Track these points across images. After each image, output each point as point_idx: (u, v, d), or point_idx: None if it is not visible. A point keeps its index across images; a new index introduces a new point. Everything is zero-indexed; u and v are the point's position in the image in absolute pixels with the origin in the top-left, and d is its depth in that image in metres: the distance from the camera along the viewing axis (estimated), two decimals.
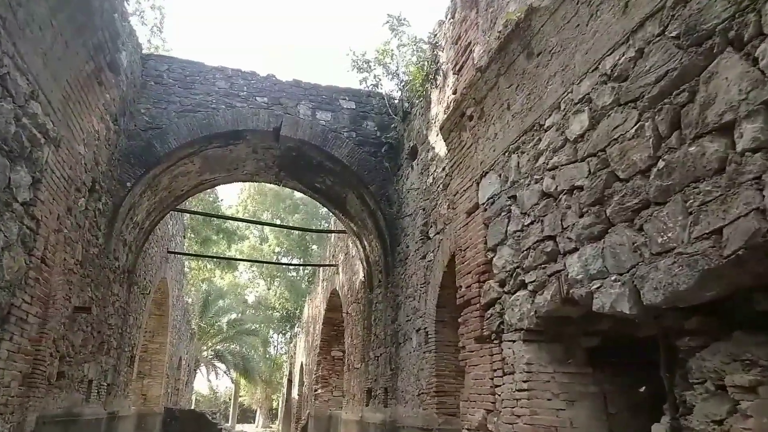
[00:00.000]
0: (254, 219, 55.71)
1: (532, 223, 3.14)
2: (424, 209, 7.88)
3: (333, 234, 16.36)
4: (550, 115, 3.02)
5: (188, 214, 25.45)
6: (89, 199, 7.07)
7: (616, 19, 2.53)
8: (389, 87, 12.72)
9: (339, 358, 17.09)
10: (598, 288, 2.52)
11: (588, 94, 2.68)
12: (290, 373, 26.58)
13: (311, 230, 24.07)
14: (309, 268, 53.01)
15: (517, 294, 3.29)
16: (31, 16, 3.09)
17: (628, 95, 2.46)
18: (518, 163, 3.37)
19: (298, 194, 56.13)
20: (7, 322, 3.34)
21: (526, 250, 3.18)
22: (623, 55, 2.48)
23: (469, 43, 4.29)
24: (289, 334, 48.96)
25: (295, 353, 25.29)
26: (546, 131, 3.05)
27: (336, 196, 10.75)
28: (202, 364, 32.64)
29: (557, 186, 2.92)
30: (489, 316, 3.70)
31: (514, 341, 3.28)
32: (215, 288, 35.03)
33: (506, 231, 3.49)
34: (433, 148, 7.76)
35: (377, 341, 9.80)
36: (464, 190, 4.22)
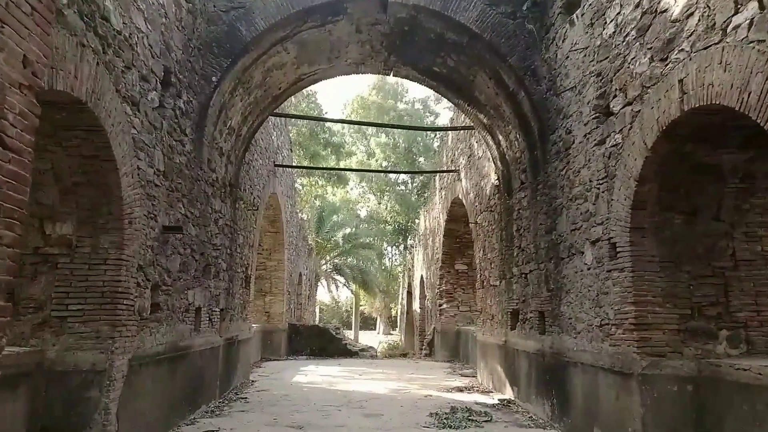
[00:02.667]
0: (359, 132, 55.03)
1: None
2: (599, 74, 5.59)
3: (451, 135, 14.31)
4: None
5: (293, 129, 24.57)
6: (165, 95, 5.66)
7: None
8: None
9: (464, 272, 15.64)
10: None
11: None
12: (409, 285, 25.90)
13: (427, 129, 21.97)
14: (418, 180, 52.22)
15: None
16: None
17: None
18: None
19: (402, 105, 53.94)
20: None
21: None
22: None
23: None
24: (402, 246, 49.10)
25: (413, 266, 24.37)
26: None
27: (460, 80, 8.62)
28: (322, 278, 33.19)
29: None
30: None
31: None
32: (328, 204, 34.90)
33: None
34: None
35: (524, 255, 7.95)
36: None
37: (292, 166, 15.34)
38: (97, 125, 4.22)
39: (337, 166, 30.74)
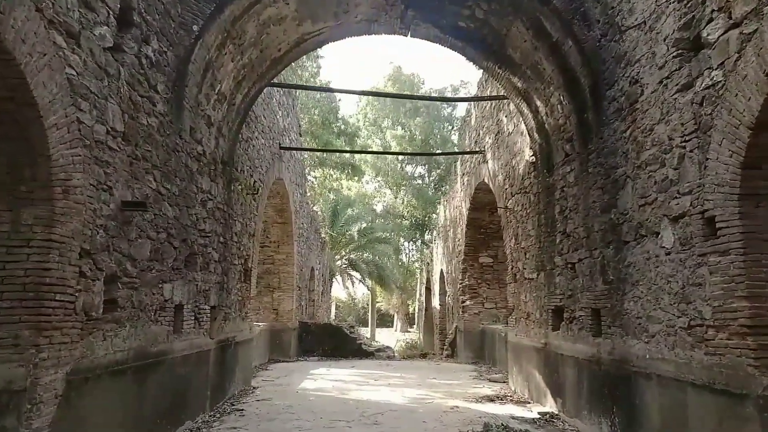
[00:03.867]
0: (375, 125, 53.51)
1: None
2: None
3: (474, 114, 13.00)
4: None
5: (304, 117, 23.39)
6: (123, 36, 4.47)
7: None
8: None
9: (488, 266, 14.32)
10: None
11: None
12: (428, 281, 24.61)
13: (452, 99, 20.60)
14: (435, 173, 50.85)
15: None
16: None
17: None
18: None
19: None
20: None
21: None
22: None
23: None
24: (419, 241, 47.79)
25: (432, 260, 23.08)
26: None
27: (491, 36, 7.32)
28: (337, 274, 32.02)
29: None
30: None
31: None
32: (342, 197, 33.69)
33: None
34: None
35: (570, 242, 6.64)
36: None
37: (300, 149, 14.10)
38: (2, 51, 3.04)
39: (350, 157, 29.37)
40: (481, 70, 9.98)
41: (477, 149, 12.27)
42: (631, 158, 5.10)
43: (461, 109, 50.43)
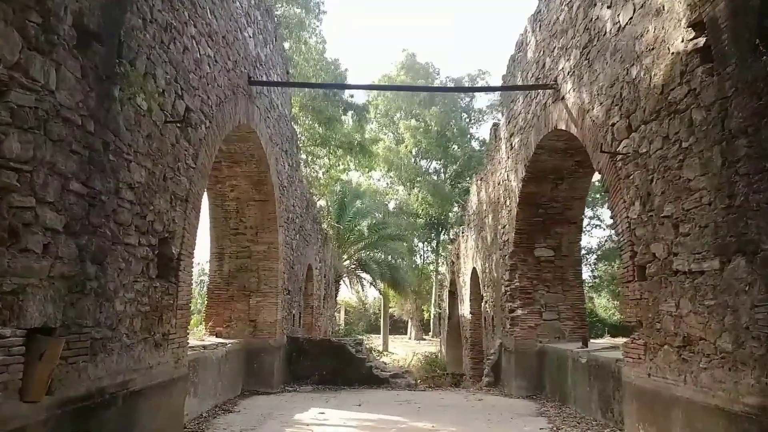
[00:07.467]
0: (386, 117, 49.86)
1: None
2: None
3: (534, 38, 9.05)
4: None
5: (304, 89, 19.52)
6: None
7: None
8: None
9: (548, 261, 10.35)
10: None
11: None
12: (452, 283, 20.63)
13: None
14: (452, 169, 46.96)
15: None
16: None
17: None
18: None
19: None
20: None
21: None
22: None
23: None
24: (435, 242, 43.96)
25: (458, 257, 19.06)
26: None
27: None
28: (345, 276, 28.09)
29: None
30: None
31: None
32: (350, 188, 29.80)
33: None
34: None
35: None
36: None
37: (277, 84, 10.06)
38: None
39: (357, 138, 25.27)
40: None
41: (544, 82, 8.31)
42: None
43: (479, 101, 46.52)
